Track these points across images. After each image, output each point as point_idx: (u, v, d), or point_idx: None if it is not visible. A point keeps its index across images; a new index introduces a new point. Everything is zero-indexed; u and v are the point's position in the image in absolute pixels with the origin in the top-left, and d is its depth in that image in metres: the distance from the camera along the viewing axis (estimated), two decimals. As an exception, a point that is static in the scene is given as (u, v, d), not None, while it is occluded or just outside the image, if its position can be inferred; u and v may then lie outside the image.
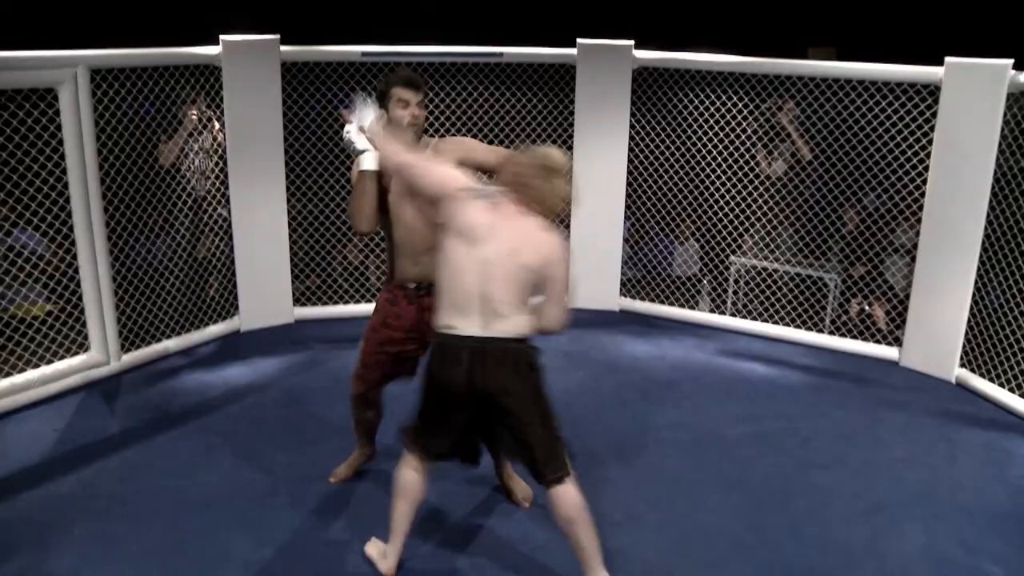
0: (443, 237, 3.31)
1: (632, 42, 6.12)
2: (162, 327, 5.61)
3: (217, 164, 5.77)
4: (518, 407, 3.23)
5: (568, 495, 3.28)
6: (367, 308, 5.35)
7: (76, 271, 5.06)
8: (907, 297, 5.69)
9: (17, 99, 4.67)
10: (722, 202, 6.20)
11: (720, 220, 6.25)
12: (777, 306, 6.18)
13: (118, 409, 4.95)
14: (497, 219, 3.24)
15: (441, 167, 3.42)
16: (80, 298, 5.10)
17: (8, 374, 4.88)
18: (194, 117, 5.60)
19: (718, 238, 6.30)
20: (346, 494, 4.13)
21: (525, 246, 3.22)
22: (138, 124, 5.30)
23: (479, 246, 3.22)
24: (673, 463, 4.50)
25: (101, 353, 5.21)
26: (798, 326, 6.13)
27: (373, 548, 3.64)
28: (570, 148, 6.31)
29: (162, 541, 3.76)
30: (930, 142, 5.39)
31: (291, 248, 6.06)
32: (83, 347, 5.16)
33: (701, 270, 6.51)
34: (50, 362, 5.04)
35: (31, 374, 4.93)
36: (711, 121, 6.10)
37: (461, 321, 3.22)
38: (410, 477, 3.44)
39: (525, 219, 3.26)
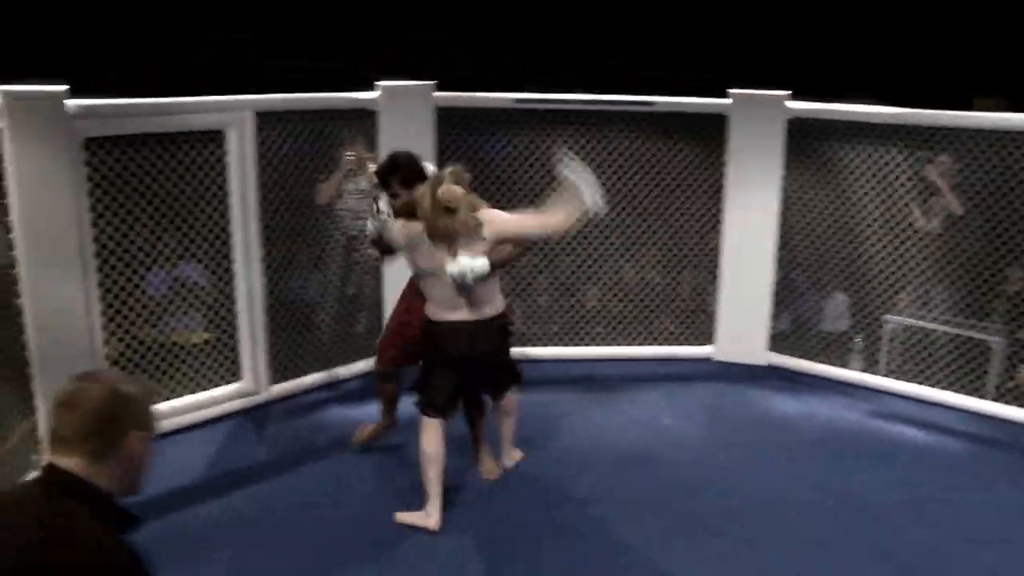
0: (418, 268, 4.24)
1: (787, 92, 6.00)
2: (311, 360, 5.78)
3: (371, 205, 5.92)
4: (503, 358, 4.40)
5: (512, 398, 4.61)
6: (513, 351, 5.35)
7: (233, 303, 5.29)
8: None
9: (190, 140, 4.95)
10: (877, 257, 5.95)
11: (875, 276, 6.00)
12: (935, 368, 5.86)
13: (265, 438, 5.12)
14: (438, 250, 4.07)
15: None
16: (235, 329, 5.32)
17: (166, 398, 5.12)
18: (349, 159, 5.79)
19: (872, 295, 6.04)
20: (478, 530, 4.12)
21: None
22: (297, 164, 5.52)
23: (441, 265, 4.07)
24: (818, 528, 4.29)
25: (252, 383, 5.41)
26: (958, 390, 5.78)
27: (408, 516, 4.23)
28: (720, 199, 6.21)
29: (297, 570, 3.84)
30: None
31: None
32: (236, 376, 5.37)
33: (853, 327, 6.24)
34: (205, 389, 5.26)
35: (187, 399, 5.16)
36: (867, 174, 5.88)
37: (453, 315, 4.12)
38: (436, 443, 4.23)
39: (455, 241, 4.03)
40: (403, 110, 5.77)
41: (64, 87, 4.39)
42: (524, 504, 4.43)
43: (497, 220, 4.07)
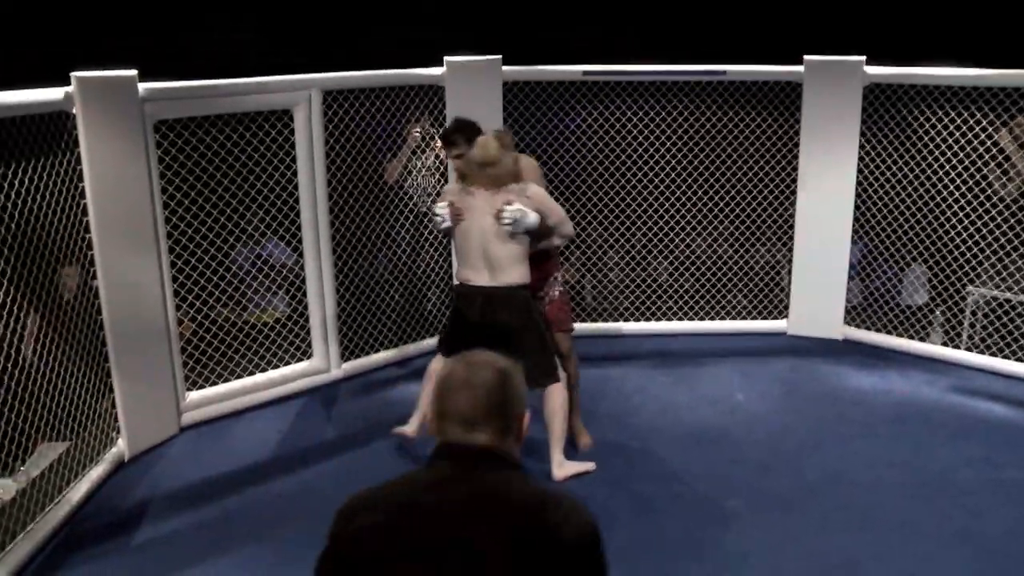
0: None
1: (863, 57, 5.80)
2: (381, 338, 5.82)
3: (439, 181, 5.93)
4: (518, 333, 4.23)
5: (554, 395, 4.31)
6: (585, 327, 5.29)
7: (303, 282, 5.34)
8: None
9: (258, 120, 5.00)
10: (960, 227, 5.74)
11: (957, 247, 5.78)
12: (1022, 341, 5.64)
13: (336, 415, 5.17)
14: (475, 200, 4.23)
15: None
16: (306, 307, 5.38)
17: (240, 376, 5.20)
18: (417, 135, 5.79)
19: (953, 266, 5.83)
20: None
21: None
22: (364, 142, 5.54)
23: (472, 220, 4.22)
24: (897, 507, 4.17)
25: (323, 361, 5.46)
26: (1046, 365, 5.56)
27: (398, 429, 4.60)
28: (794, 169, 6.06)
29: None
30: None
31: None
32: (306, 354, 5.43)
33: (933, 299, 6.04)
34: (276, 367, 5.33)
35: (259, 377, 5.24)
36: (949, 140, 5.66)
37: (474, 277, 4.26)
38: (438, 368, 4.41)
39: (498, 194, 4.19)
40: (470, 85, 5.74)
41: (134, 71, 4.46)
42: (597, 480, 4.39)
43: (538, 191, 4.31)
